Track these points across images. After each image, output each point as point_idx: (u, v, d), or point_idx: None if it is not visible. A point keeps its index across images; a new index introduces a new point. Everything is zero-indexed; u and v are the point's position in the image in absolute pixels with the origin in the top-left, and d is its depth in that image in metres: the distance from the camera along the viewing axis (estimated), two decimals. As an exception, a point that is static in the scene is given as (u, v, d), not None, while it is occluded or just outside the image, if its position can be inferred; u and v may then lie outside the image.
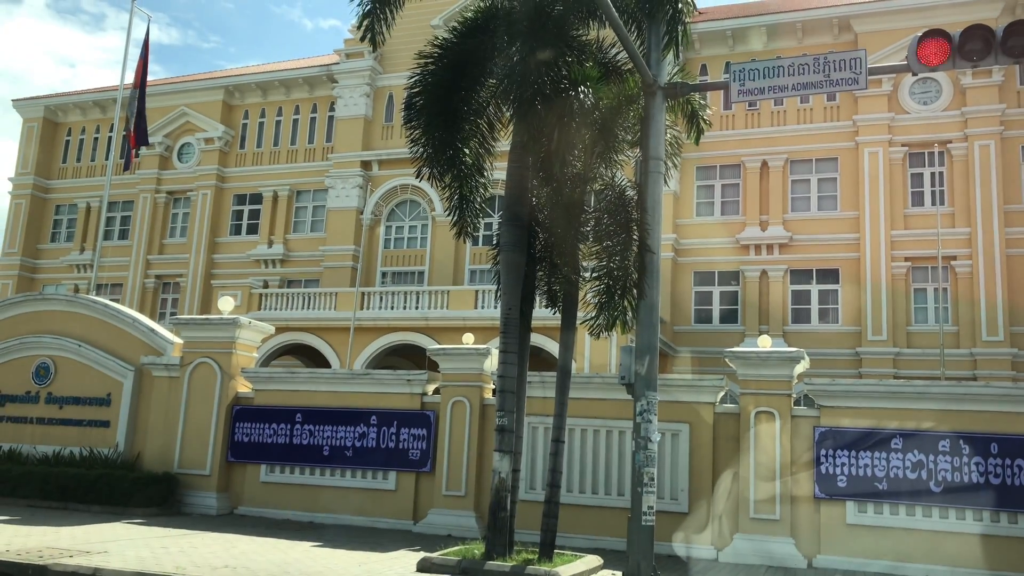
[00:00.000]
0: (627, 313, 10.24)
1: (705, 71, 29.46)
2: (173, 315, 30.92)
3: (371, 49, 13.01)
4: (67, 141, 39.26)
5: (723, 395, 14.24)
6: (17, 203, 38.36)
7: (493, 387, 14.61)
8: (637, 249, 10.08)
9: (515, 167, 10.89)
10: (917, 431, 12.63)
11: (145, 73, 24.01)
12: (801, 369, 13.69)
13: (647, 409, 9.63)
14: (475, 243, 29.40)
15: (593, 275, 10.43)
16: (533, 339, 13.27)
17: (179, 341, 17.42)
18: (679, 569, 12.22)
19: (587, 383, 14.51)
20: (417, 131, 11.21)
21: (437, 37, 12.01)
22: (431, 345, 21.21)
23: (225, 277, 33.76)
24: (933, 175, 26.97)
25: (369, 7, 11.37)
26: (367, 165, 32.80)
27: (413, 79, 11.39)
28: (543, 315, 13.16)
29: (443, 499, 14.86)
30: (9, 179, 39.03)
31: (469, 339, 19.60)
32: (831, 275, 27.45)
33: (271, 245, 34.11)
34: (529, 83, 9.90)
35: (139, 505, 15.48)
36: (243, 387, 17.10)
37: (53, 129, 39.38)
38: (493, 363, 14.90)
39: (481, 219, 12.13)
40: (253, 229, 34.89)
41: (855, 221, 27.20)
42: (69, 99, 39.03)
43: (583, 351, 23.41)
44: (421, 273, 31.49)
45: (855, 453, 12.82)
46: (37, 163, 38.46)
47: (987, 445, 12.31)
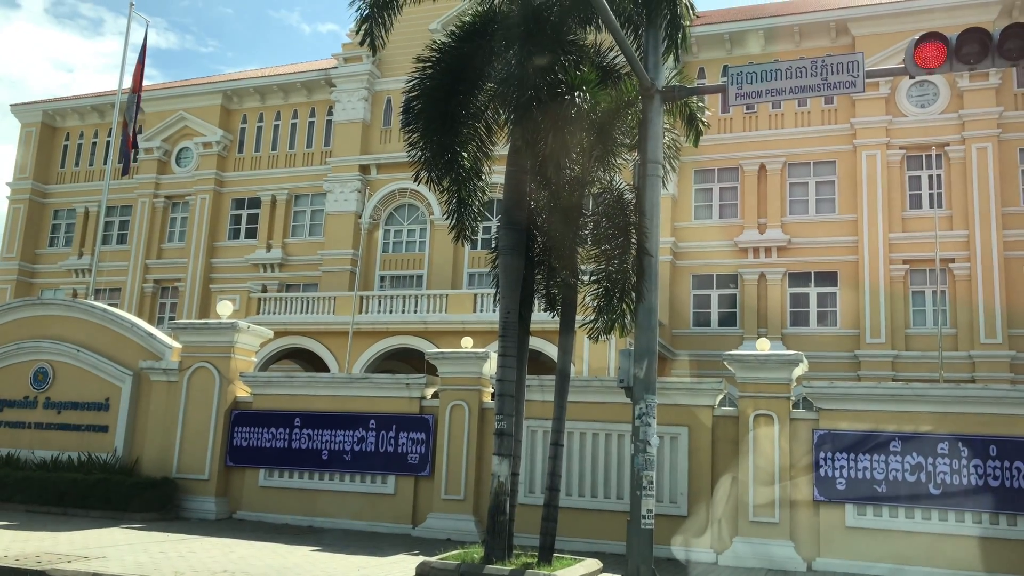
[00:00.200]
0: (626, 316, 10.24)
1: (703, 74, 29.51)
2: (172, 320, 30.94)
3: (370, 53, 13.06)
4: (65, 146, 39.25)
5: (722, 398, 14.25)
6: (15, 208, 38.34)
7: (492, 391, 14.62)
8: (635, 252, 10.08)
9: (513, 171, 10.89)
10: (916, 434, 12.65)
11: (142, 78, 24.02)
12: (800, 372, 13.70)
13: (646, 412, 9.63)
14: (474, 247, 29.43)
15: (592, 278, 10.43)
16: (532, 343, 13.25)
17: (177, 346, 17.42)
18: (678, 572, 12.21)
19: (586, 386, 14.52)
20: (415, 135, 11.21)
21: (435, 41, 12.01)
22: (430, 349, 21.25)
23: (224, 281, 33.73)
24: (931, 178, 27.01)
25: (367, 12, 11.38)
26: (365, 169, 32.80)
27: (411, 83, 11.39)
28: (542, 319, 13.16)
29: (442, 503, 14.86)
30: (7, 184, 38.99)
31: (468, 343, 19.61)
32: (829, 278, 27.46)
33: (270, 249, 34.10)
34: (527, 87, 9.90)
35: (138, 510, 15.46)
36: (242, 391, 17.09)
37: (51, 134, 39.37)
38: (492, 367, 14.91)
39: (479, 223, 12.13)
40: (252, 233, 34.88)
41: (853, 224, 27.22)
42: (67, 104, 39.03)
43: (582, 354, 23.41)
44: (420, 277, 31.48)
45: (854, 456, 12.83)
46: (35, 168, 38.45)
47: (986, 447, 12.32)
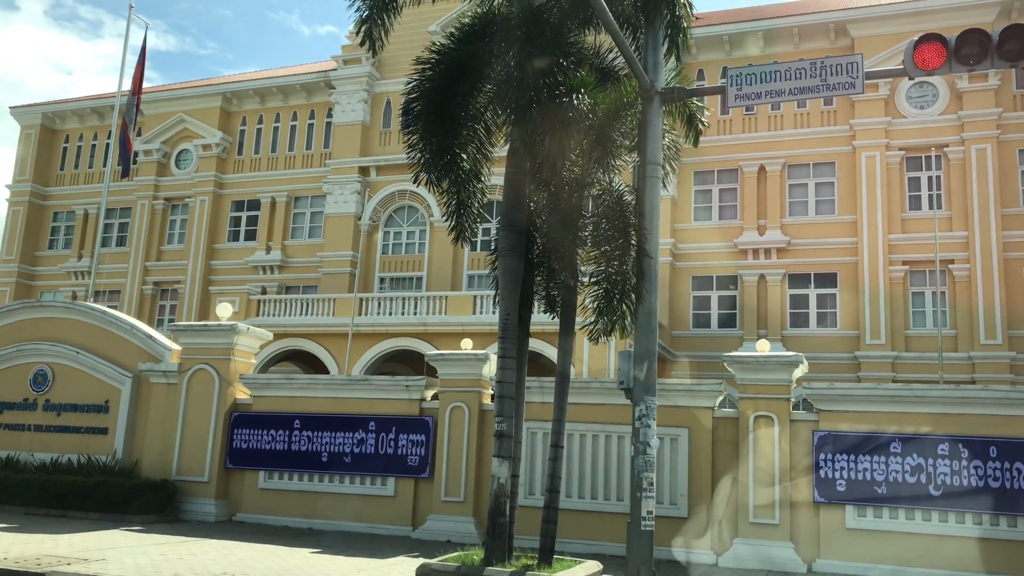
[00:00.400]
0: (625, 318, 10.23)
1: (702, 76, 29.51)
2: (171, 322, 30.90)
3: (370, 55, 13.06)
4: (64, 148, 39.25)
5: (722, 399, 14.24)
6: (15, 210, 38.34)
7: (492, 392, 14.62)
8: (635, 254, 10.08)
9: (513, 172, 10.89)
10: (916, 435, 12.64)
11: (141, 80, 24.02)
12: (799, 373, 13.70)
13: (646, 414, 9.62)
14: (473, 248, 29.42)
15: (592, 280, 10.42)
16: (532, 344, 13.25)
17: (177, 348, 17.41)
18: (679, 574, 12.20)
19: (586, 388, 14.51)
20: (415, 136, 11.21)
21: (435, 43, 12.02)
22: (430, 351, 21.26)
23: (223, 283, 33.71)
24: (930, 179, 27.02)
25: (367, 13, 11.37)
26: (365, 171, 32.80)
27: (411, 85, 11.39)
28: (542, 320, 13.15)
29: (442, 505, 14.85)
30: (7, 186, 38.98)
31: (468, 344, 19.60)
32: (829, 279, 27.46)
33: (269, 251, 34.09)
34: (526, 89, 9.89)
35: (137, 512, 15.45)
36: (241, 393, 17.08)
37: (51, 136, 39.37)
38: (492, 368, 14.90)
39: (479, 224, 12.13)
40: (251, 235, 34.87)
41: (853, 225, 27.23)
42: (67, 106, 39.03)
43: (582, 356, 23.40)
44: (419, 279, 31.48)
45: (854, 457, 12.82)
46: (35, 170, 38.43)
47: (986, 448, 12.31)
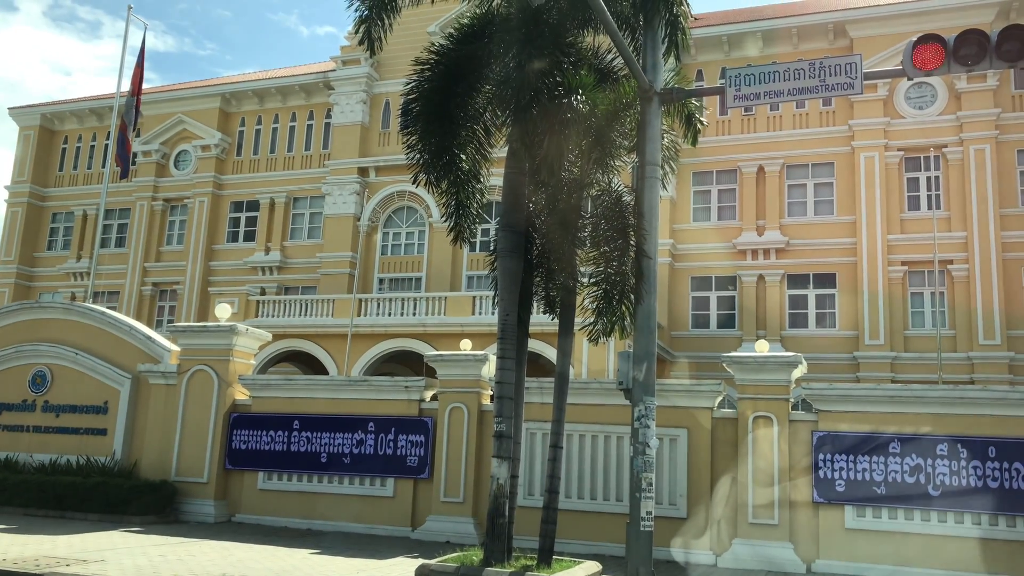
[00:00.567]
0: (625, 318, 10.24)
1: (701, 76, 29.52)
2: (170, 323, 30.92)
3: (368, 55, 13.06)
4: (63, 149, 39.23)
5: (721, 400, 14.25)
6: (13, 211, 38.32)
7: (491, 393, 14.62)
8: (634, 254, 10.08)
9: (512, 173, 10.89)
10: (915, 435, 12.65)
11: (141, 81, 24.02)
12: (799, 374, 13.70)
13: (645, 414, 9.62)
14: (472, 249, 29.41)
15: (591, 281, 10.43)
16: (531, 345, 13.25)
17: (176, 349, 17.40)
18: (678, 574, 12.20)
19: (585, 389, 14.51)
20: (414, 137, 11.21)
21: (433, 44, 12.03)
22: (429, 351, 21.25)
23: (222, 284, 33.69)
24: (929, 179, 27.03)
25: (366, 13, 11.38)
26: (364, 172, 32.79)
27: (410, 85, 11.39)
28: (541, 321, 13.15)
29: (441, 505, 14.84)
30: (5, 187, 38.94)
31: (467, 345, 19.60)
32: (828, 279, 27.48)
33: (268, 252, 34.08)
34: (525, 89, 9.89)
35: (136, 513, 15.44)
36: (240, 394, 17.07)
37: (49, 137, 39.35)
38: (491, 369, 14.90)
39: (478, 225, 12.14)
40: (250, 236, 34.85)
41: (852, 225, 27.24)
42: (65, 107, 39.01)
43: (581, 357, 23.40)
44: (418, 279, 31.47)
45: (853, 457, 12.82)
46: (33, 171, 38.41)
47: (985, 449, 12.32)
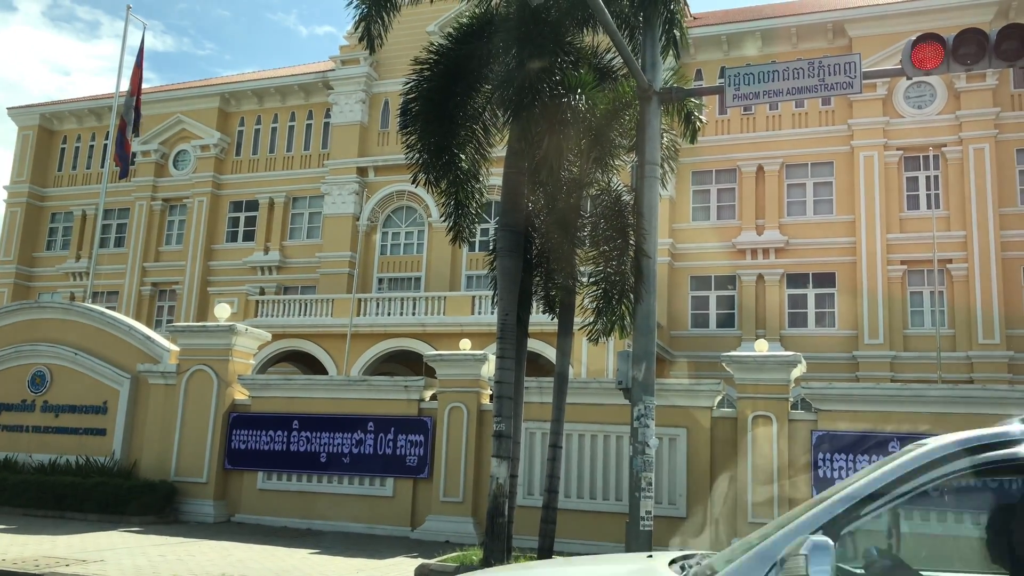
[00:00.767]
0: (624, 318, 10.24)
1: (700, 76, 29.50)
2: (169, 323, 30.90)
3: (368, 53, 13.06)
4: (63, 149, 39.20)
5: (720, 399, 14.24)
6: (12, 211, 38.29)
7: (491, 393, 14.61)
8: (633, 254, 10.08)
9: (511, 172, 10.89)
10: (914, 434, 12.64)
11: (140, 81, 24.00)
12: (798, 373, 13.70)
13: (644, 414, 9.62)
14: (471, 249, 29.37)
15: (590, 280, 10.43)
16: (530, 345, 13.25)
17: (175, 348, 17.39)
18: (678, 574, 12.18)
19: (584, 388, 14.51)
20: (413, 137, 11.21)
21: (432, 43, 12.02)
22: (428, 351, 21.24)
23: (221, 284, 33.67)
24: (928, 179, 27.04)
25: (365, 11, 11.38)
26: (363, 171, 32.77)
27: (409, 85, 11.39)
28: (540, 320, 13.16)
29: (441, 505, 14.84)
30: (4, 187, 38.91)
31: (466, 345, 19.59)
32: (827, 279, 27.47)
33: (267, 252, 34.06)
34: (526, 88, 9.90)
35: (136, 513, 15.44)
36: (240, 394, 17.06)
37: (48, 137, 39.32)
38: (490, 369, 14.89)
39: (477, 225, 12.15)
40: (249, 236, 34.84)
41: (851, 225, 27.24)
42: (64, 107, 38.99)
43: (580, 356, 23.40)
44: (418, 279, 31.46)
45: (852, 456, 12.82)
46: (32, 171, 38.38)
47: (984, 448, 12.31)
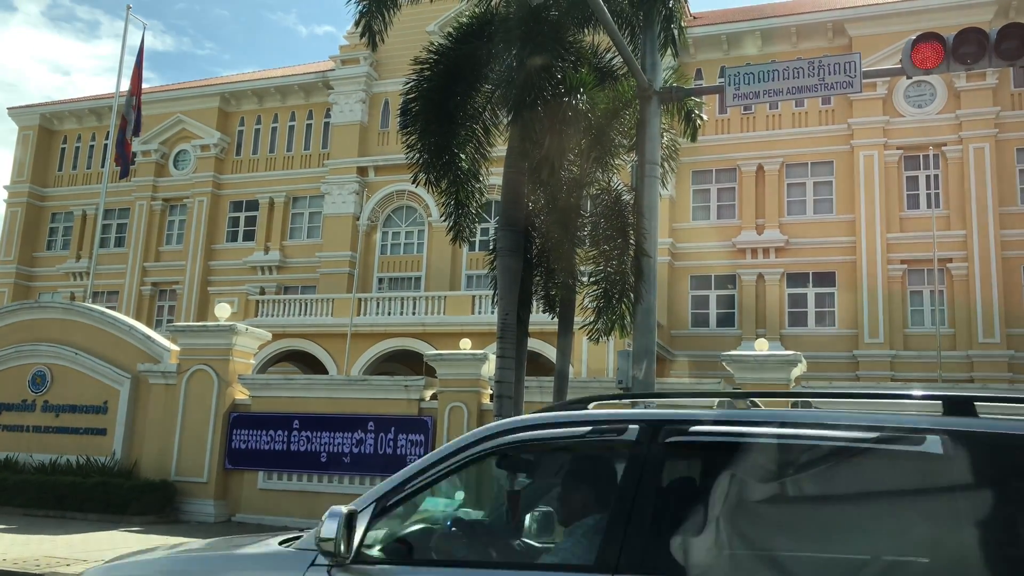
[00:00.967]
0: (624, 317, 10.25)
1: (700, 75, 29.49)
2: (170, 322, 30.89)
3: (369, 51, 13.05)
4: (63, 149, 39.20)
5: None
6: (13, 211, 38.29)
7: (491, 392, 14.61)
8: (634, 253, 10.09)
9: (511, 172, 10.90)
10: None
11: (140, 81, 24.00)
12: (798, 372, 13.70)
13: (645, 413, 9.60)
14: (472, 248, 29.33)
15: (590, 280, 10.44)
16: (531, 344, 13.25)
17: (176, 348, 17.39)
18: (678, 573, 12.18)
19: (585, 388, 14.53)
20: (413, 137, 11.22)
21: (433, 43, 12.03)
22: (428, 351, 21.23)
23: (222, 284, 33.67)
24: (928, 178, 27.03)
25: (366, 7, 11.38)
26: (363, 171, 32.77)
27: (409, 85, 11.39)
28: (540, 320, 13.15)
29: (441, 505, 14.82)
30: (4, 187, 38.91)
31: (466, 344, 19.57)
32: (827, 278, 27.47)
33: (267, 252, 34.06)
34: (526, 88, 9.91)
35: (136, 513, 15.44)
36: (240, 394, 17.06)
37: (49, 137, 39.31)
38: (491, 368, 14.90)
39: (477, 224, 12.16)
40: (249, 236, 34.83)
41: (851, 224, 27.24)
42: (65, 107, 38.99)
43: (581, 356, 23.40)
44: (418, 279, 31.46)
45: (853, 456, 12.81)
46: (33, 171, 38.37)
47: (984, 447, 12.31)
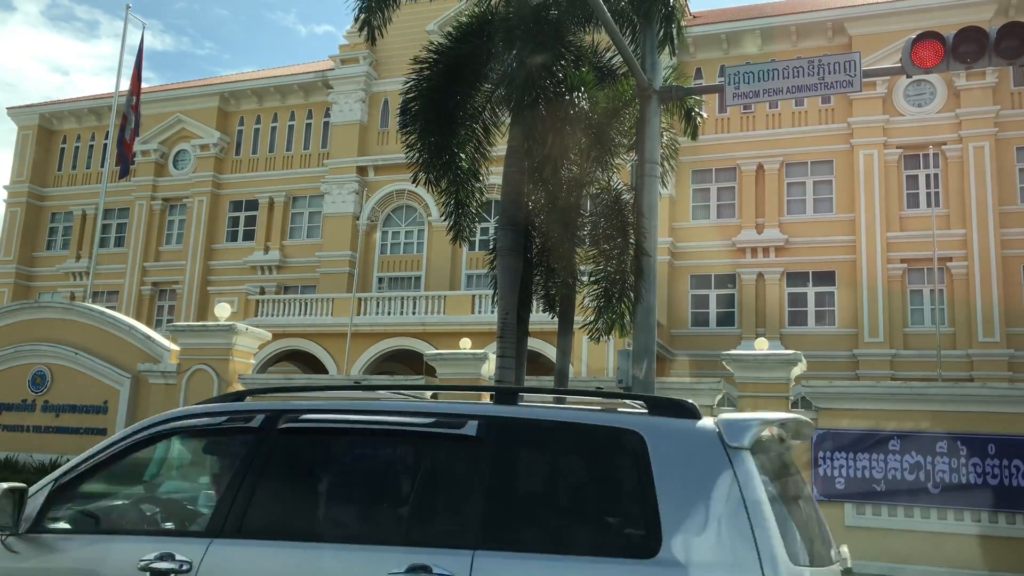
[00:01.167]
0: (624, 316, 10.25)
1: (700, 74, 29.50)
2: (170, 322, 30.89)
3: (368, 49, 13.03)
4: (62, 149, 39.20)
5: (721, 398, 14.24)
6: (12, 211, 38.29)
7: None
8: (634, 253, 10.09)
9: (511, 172, 10.90)
10: (915, 432, 12.64)
11: (140, 81, 23.98)
12: (798, 371, 13.70)
13: (645, 412, 9.60)
14: (472, 248, 29.34)
15: (590, 279, 10.44)
16: (531, 344, 13.25)
17: (176, 348, 17.39)
18: (678, 573, 12.19)
19: (585, 387, 14.51)
20: (413, 136, 11.21)
21: (432, 42, 12.03)
22: (429, 350, 21.23)
23: (221, 284, 33.67)
24: (928, 177, 27.03)
25: (365, 2, 11.38)
26: (363, 171, 32.77)
27: (408, 84, 11.39)
28: (541, 319, 13.15)
29: (441, 504, 14.82)
30: (4, 187, 38.90)
31: (466, 344, 19.57)
32: (827, 277, 27.47)
33: (267, 251, 34.06)
34: (527, 87, 9.90)
35: (136, 513, 15.42)
36: (240, 394, 17.05)
37: (48, 137, 39.31)
38: (491, 368, 14.89)
39: (477, 224, 12.16)
40: (249, 235, 34.83)
41: (851, 223, 27.23)
42: (64, 107, 38.98)
43: (581, 355, 23.40)
44: (418, 278, 31.46)
45: (853, 455, 12.82)
46: (32, 171, 38.37)
47: (985, 446, 12.32)
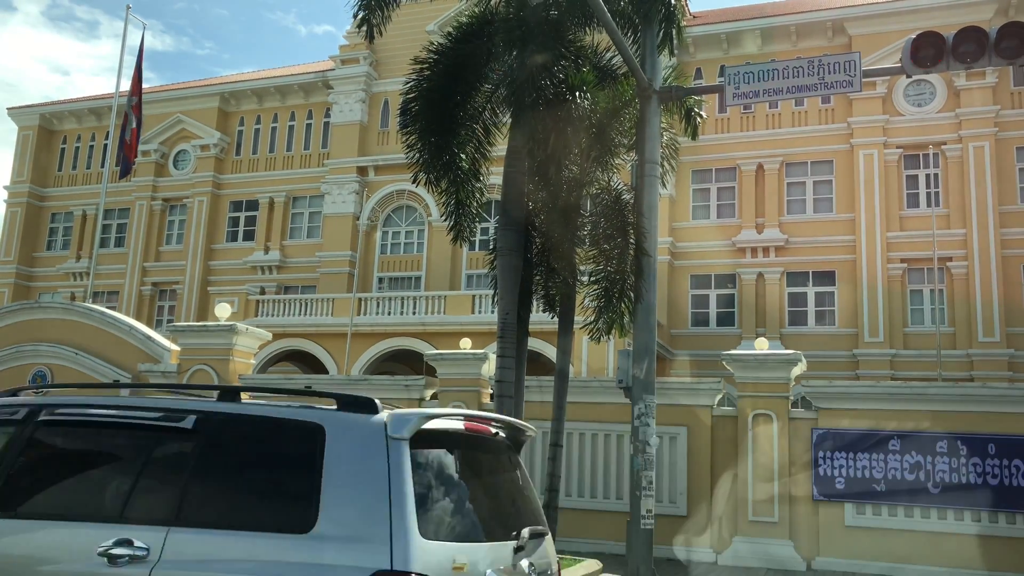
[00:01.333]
0: (624, 316, 10.26)
1: (700, 74, 29.51)
2: (170, 322, 30.90)
3: (369, 50, 13.04)
4: (63, 149, 39.20)
5: (721, 398, 14.26)
6: (12, 211, 38.29)
7: (491, 392, 14.62)
8: (634, 252, 10.10)
9: (511, 172, 10.91)
10: (915, 432, 12.66)
11: (140, 81, 23.98)
12: (798, 371, 13.72)
13: (645, 412, 9.63)
14: (472, 248, 29.34)
15: (591, 279, 10.46)
16: (531, 344, 13.27)
17: (176, 348, 17.39)
18: (679, 572, 12.22)
19: (585, 387, 14.52)
20: (413, 136, 11.22)
21: (432, 43, 12.03)
22: (429, 350, 21.24)
23: (222, 284, 33.67)
24: (928, 177, 27.04)
25: (364, 1, 11.38)
26: (363, 171, 32.77)
27: (409, 85, 11.39)
28: (541, 319, 13.16)
29: (442, 504, 14.83)
30: (4, 187, 38.90)
31: (467, 344, 19.56)
32: (827, 277, 27.48)
33: (267, 251, 34.06)
34: (527, 88, 9.91)
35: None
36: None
37: (48, 137, 39.31)
38: (491, 368, 14.91)
39: (478, 224, 12.16)
40: (249, 236, 34.84)
41: (851, 223, 27.24)
42: (64, 107, 38.98)
43: (581, 355, 23.41)
44: (418, 278, 31.46)
45: (853, 455, 12.84)
46: (32, 171, 38.36)
47: (984, 446, 12.33)
